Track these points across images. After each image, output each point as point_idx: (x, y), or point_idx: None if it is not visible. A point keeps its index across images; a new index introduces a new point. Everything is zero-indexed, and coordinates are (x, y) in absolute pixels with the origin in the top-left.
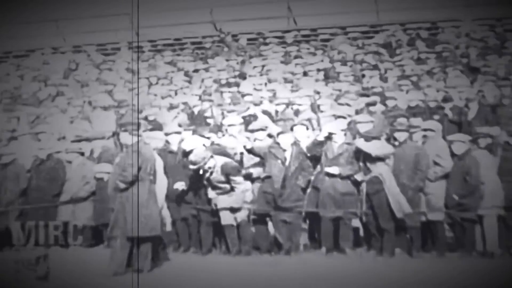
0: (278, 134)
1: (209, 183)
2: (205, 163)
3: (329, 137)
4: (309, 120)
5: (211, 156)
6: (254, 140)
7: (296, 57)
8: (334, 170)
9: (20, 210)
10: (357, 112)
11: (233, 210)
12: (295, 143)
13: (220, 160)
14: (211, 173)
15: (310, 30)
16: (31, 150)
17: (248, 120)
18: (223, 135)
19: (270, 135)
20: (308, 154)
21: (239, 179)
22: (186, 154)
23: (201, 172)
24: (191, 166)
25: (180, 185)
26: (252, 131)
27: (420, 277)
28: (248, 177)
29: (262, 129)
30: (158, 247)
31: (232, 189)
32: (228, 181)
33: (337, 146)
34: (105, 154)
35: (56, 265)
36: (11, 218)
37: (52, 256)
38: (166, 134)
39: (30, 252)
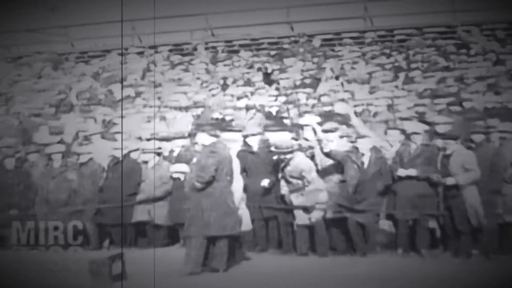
0: (357, 137)
1: (283, 175)
2: (289, 151)
3: (408, 138)
4: (386, 121)
5: (293, 151)
6: (328, 141)
7: (372, 57)
8: (411, 172)
9: (97, 209)
10: (436, 113)
11: (307, 210)
12: (375, 148)
13: (299, 155)
14: (287, 164)
15: (386, 31)
16: (107, 150)
17: (325, 120)
18: (300, 135)
19: (351, 141)
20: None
21: (312, 177)
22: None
23: (275, 157)
24: (274, 149)
25: (266, 182)
26: (326, 131)
27: (496, 279)
28: (329, 181)
29: (332, 131)
30: (235, 246)
31: (304, 186)
32: (301, 177)
33: (414, 148)
34: (183, 154)
35: (131, 265)
36: (87, 217)
37: (127, 256)
38: (245, 136)
39: (105, 252)
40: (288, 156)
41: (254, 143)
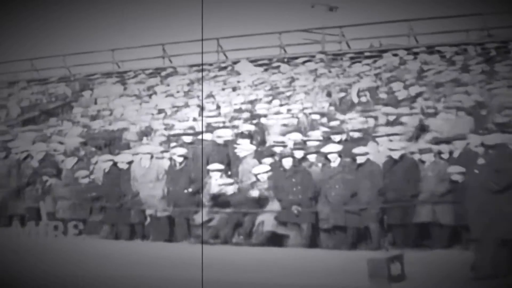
0: None
1: None
2: None
3: None
4: None
5: None
6: None
7: None
8: None
9: (379, 209)
10: None
11: None
12: None
13: None
14: None
15: None
16: (386, 150)
17: None
18: None
19: None
20: None
21: None
22: None
23: None
24: None
25: None
26: None
27: None
28: None
29: None
30: None
31: None
32: None
33: None
34: (464, 156)
35: (411, 266)
36: (370, 217)
37: (407, 257)
38: None
39: (384, 252)
40: None
41: None
